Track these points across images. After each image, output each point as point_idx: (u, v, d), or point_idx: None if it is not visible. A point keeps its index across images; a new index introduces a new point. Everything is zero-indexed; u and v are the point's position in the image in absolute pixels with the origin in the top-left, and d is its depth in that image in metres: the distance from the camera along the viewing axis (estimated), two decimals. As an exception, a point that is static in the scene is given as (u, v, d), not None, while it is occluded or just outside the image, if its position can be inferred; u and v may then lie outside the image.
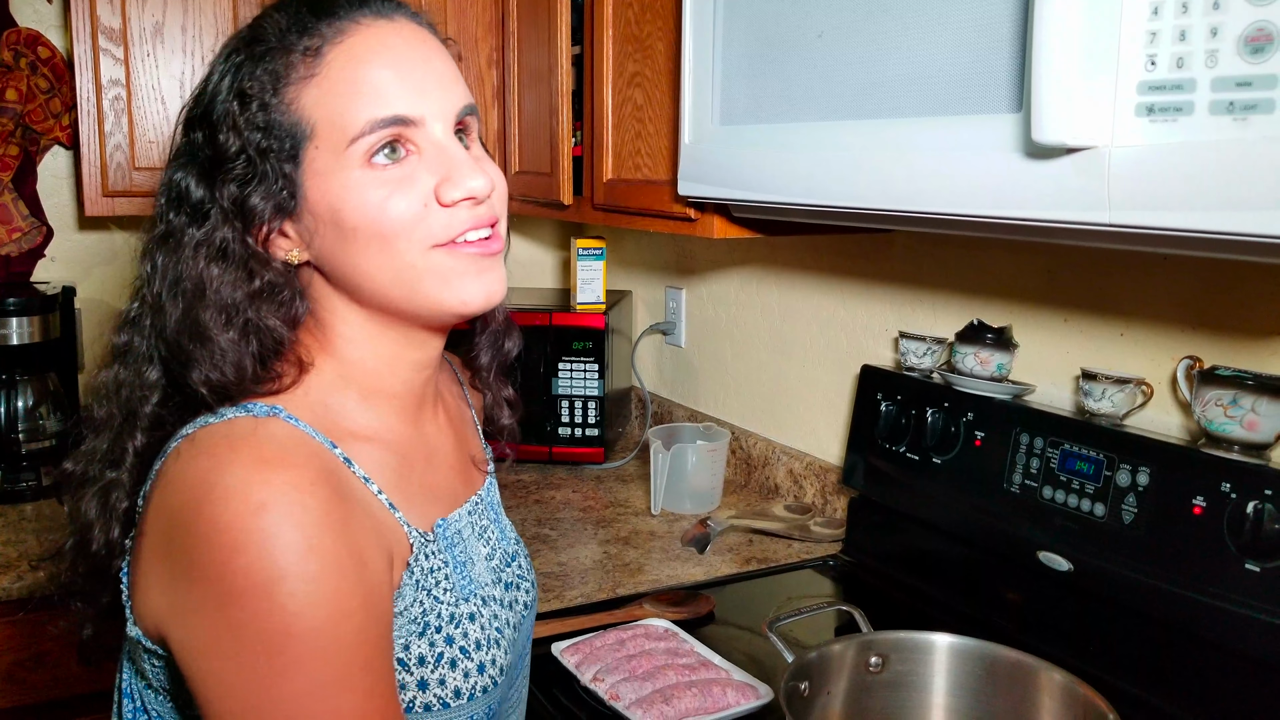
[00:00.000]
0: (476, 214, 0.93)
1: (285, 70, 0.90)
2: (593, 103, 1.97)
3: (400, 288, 0.92)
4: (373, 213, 0.89)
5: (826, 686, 1.22)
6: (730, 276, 2.46)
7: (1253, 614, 1.23)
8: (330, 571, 0.80)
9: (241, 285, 0.91)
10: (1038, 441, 1.53)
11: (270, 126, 0.90)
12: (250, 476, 0.81)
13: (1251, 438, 1.30)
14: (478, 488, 1.11)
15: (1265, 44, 0.82)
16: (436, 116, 0.93)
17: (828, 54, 1.27)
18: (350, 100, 0.89)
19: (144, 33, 2.22)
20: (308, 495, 0.81)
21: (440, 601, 0.94)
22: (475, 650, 0.95)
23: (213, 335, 0.90)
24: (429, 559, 0.95)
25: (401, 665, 0.91)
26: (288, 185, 0.91)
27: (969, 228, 1.18)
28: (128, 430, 0.94)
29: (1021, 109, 1.01)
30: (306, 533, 0.80)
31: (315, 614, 0.79)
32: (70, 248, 2.61)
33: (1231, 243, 0.89)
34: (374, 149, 0.90)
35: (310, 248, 0.94)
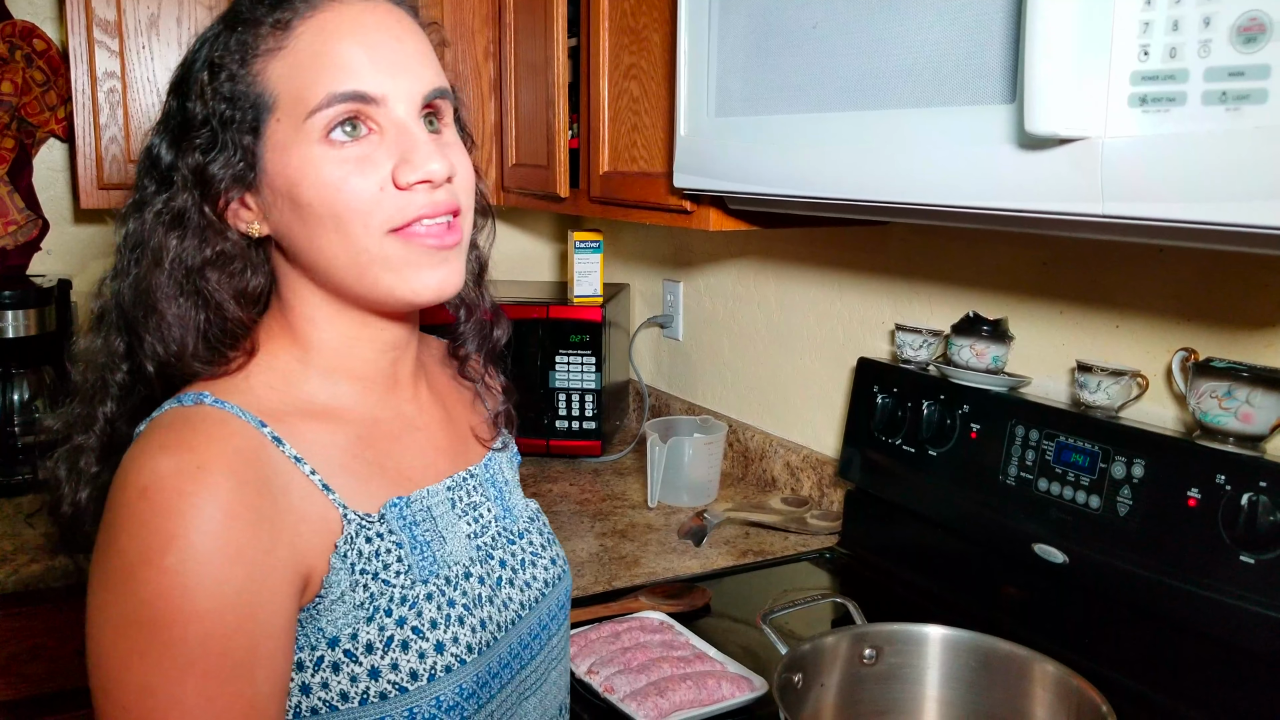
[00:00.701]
0: (434, 199, 0.91)
1: (255, 41, 0.91)
2: (589, 95, 1.96)
3: (353, 270, 0.91)
4: (329, 191, 0.89)
5: (820, 678, 1.22)
6: (727, 269, 2.46)
7: (1247, 606, 1.23)
8: (196, 563, 0.79)
9: (193, 253, 0.91)
10: (1033, 434, 1.53)
11: (235, 97, 0.90)
12: (143, 463, 0.82)
13: (1246, 429, 1.30)
14: (470, 464, 1.09)
15: (1258, 34, 0.81)
16: (401, 97, 0.91)
17: (822, 45, 1.27)
18: (313, 73, 0.89)
19: (139, 25, 2.22)
20: (188, 481, 0.81)
21: (390, 585, 0.92)
22: (430, 630, 0.93)
23: (160, 305, 0.90)
24: (370, 542, 0.92)
25: (349, 657, 0.89)
26: (246, 156, 0.91)
27: (963, 219, 1.18)
28: (99, 397, 0.96)
29: (1015, 100, 1.01)
30: (179, 521, 0.80)
31: (169, 603, 0.79)
32: (66, 241, 2.61)
33: (1225, 234, 0.89)
34: (332, 123, 0.89)
35: (268, 221, 0.94)
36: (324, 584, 0.89)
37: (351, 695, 0.89)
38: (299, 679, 0.89)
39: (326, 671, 0.89)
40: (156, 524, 0.80)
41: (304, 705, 0.89)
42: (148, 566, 0.79)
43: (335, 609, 0.89)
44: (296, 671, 0.89)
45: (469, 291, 1.13)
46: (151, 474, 0.81)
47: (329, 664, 0.89)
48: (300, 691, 0.89)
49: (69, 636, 1.92)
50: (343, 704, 0.89)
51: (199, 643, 0.79)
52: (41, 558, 1.89)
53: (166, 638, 0.79)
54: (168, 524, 0.80)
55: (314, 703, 0.89)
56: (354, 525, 0.91)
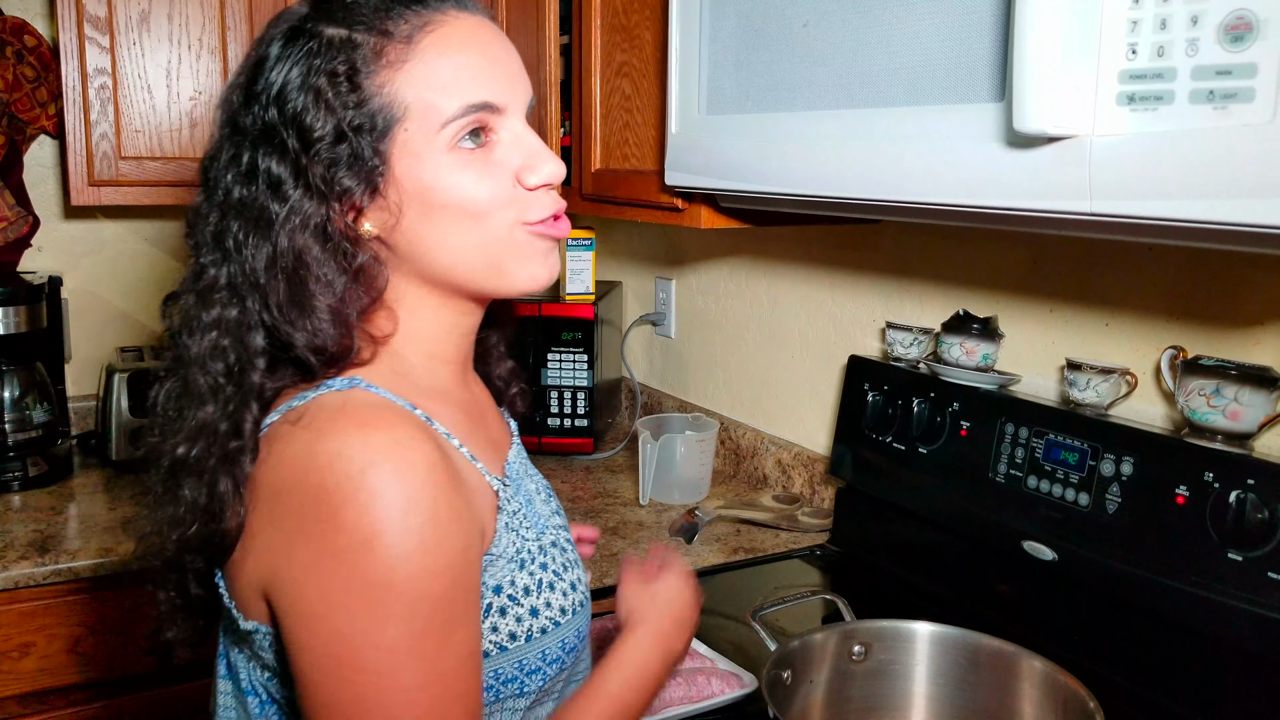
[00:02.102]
0: (555, 198, 1.00)
1: (375, 54, 0.93)
2: (581, 93, 1.96)
3: (480, 260, 0.97)
4: (465, 193, 0.94)
5: (809, 675, 1.23)
6: (720, 267, 2.46)
7: (1234, 603, 1.24)
8: (429, 526, 0.85)
9: (341, 262, 0.94)
10: (1023, 431, 1.53)
11: (361, 106, 0.92)
12: (352, 440, 0.86)
13: (1234, 427, 1.31)
14: (512, 435, 1.18)
15: (1245, 32, 0.82)
16: (518, 105, 0.98)
17: (813, 44, 1.27)
18: (445, 84, 0.93)
19: (130, 21, 2.21)
20: (411, 451, 0.86)
21: (525, 537, 1.01)
22: (565, 571, 1.04)
23: (317, 308, 0.93)
24: (510, 501, 1.02)
25: (513, 600, 0.98)
26: (378, 164, 0.93)
27: (952, 217, 1.18)
28: (240, 400, 0.94)
29: (1004, 98, 1.02)
30: (409, 489, 0.85)
31: (412, 565, 0.84)
32: (57, 237, 2.60)
33: (1213, 231, 0.90)
34: (463, 132, 0.94)
35: (390, 226, 0.96)
36: (494, 543, 0.98)
37: (518, 634, 0.98)
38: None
39: (495, 616, 0.97)
40: (391, 492, 0.84)
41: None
42: (390, 534, 0.84)
43: (498, 563, 0.98)
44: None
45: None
46: (364, 448, 0.85)
47: (496, 609, 0.97)
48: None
49: (58, 634, 1.92)
50: (511, 643, 0.98)
51: (442, 596, 0.86)
52: (31, 555, 1.89)
53: (413, 596, 0.85)
54: (402, 490, 0.84)
55: (485, 646, 0.96)
56: (500, 489, 1.01)
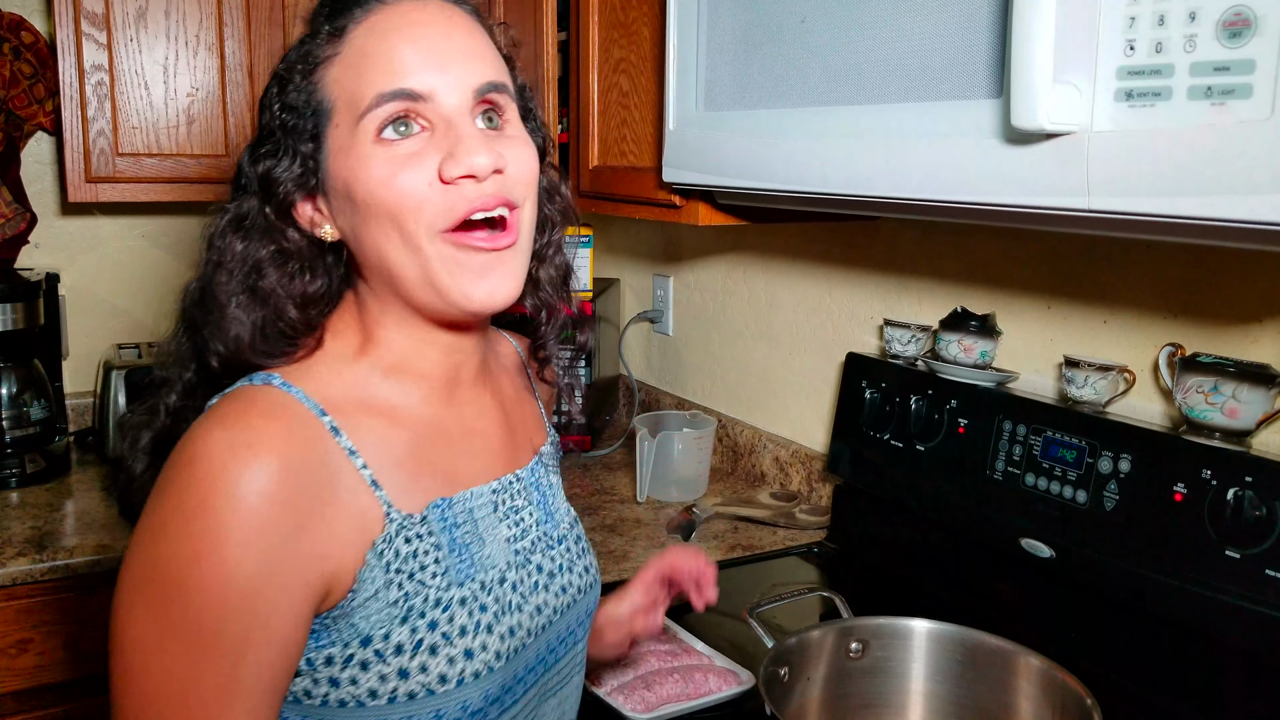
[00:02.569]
0: (481, 191, 0.91)
1: (316, 51, 0.94)
2: (578, 89, 1.96)
3: (412, 271, 0.92)
4: (381, 189, 0.90)
5: (806, 672, 1.23)
6: (718, 264, 2.46)
7: (1232, 601, 1.24)
8: (210, 536, 0.82)
9: (253, 252, 0.95)
10: (1020, 429, 1.53)
11: (297, 106, 0.93)
12: (199, 434, 0.85)
13: (1232, 425, 1.30)
14: (518, 468, 1.09)
15: (1243, 28, 0.82)
16: (450, 91, 0.91)
17: (810, 39, 1.27)
18: (362, 75, 0.91)
19: (127, 17, 2.21)
20: (233, 458, 0.83)
21: (426, 585, 0.93)
22: (459, 636, 0.93)
23: (221, 301, 0.94)
24: (410, 543, 0.93)
25: (379, 656, 0.90)
26: (305, 162, 0.94)
27: (950, 214, 1.18)
28: (165, 389, 1.00)
29: (1002, 94, 1.01)
30: (208, 495, 0.82)
31: (179, 569, 0.82)
32: (54, 234, 2.59)
33: (1210, 228, 0.89)
34: (383, 123, 0.90)
35: (338, 225, 0.96)
36: (357, 579, 0.89)
37: (380, 693, 0.90)
38: (328, 673, 0.90)
39: (355, 669, 0.90)
40: (194, 491, 0.82)
41: (333, 697, 0.90)
42: (175, 529, 0.82)
43: (369, 607, 0.90)
44: (325, 666, 0.90)
45: (549, 295, 1.11)
46: (203, 444, 0.84)
47: (358, 661, 0.90)
48: (329, 684, 0.90)
49: (56, 631, 1.92)
50: (371, 701, 0.90)
51: (195, 614, 0.82)
52: (29, 551, 1.88)
53: (167, 601, 0.82)
54: (203, 494, 0.82)
55: (342, 695, 0.90)
56: (395, 525, 0.92)
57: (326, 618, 0.89)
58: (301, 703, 0.91)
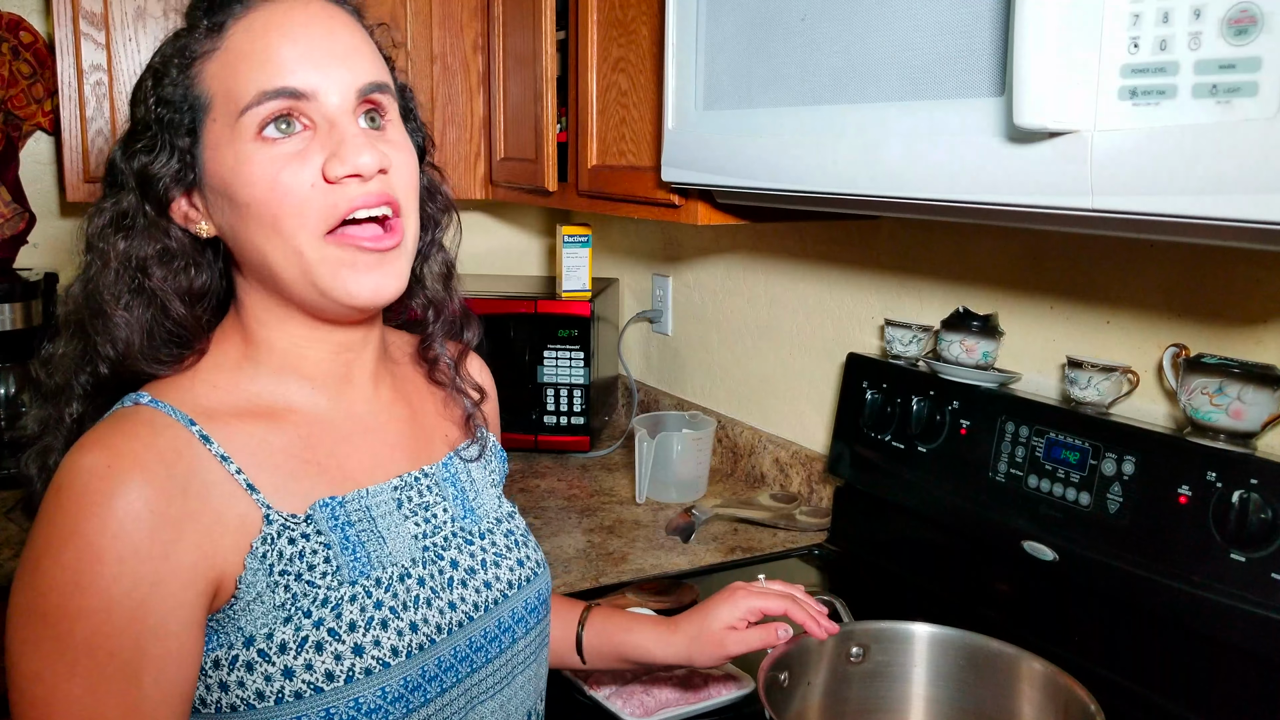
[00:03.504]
0: (365, 190, 0.91)
1: (193, 45, 0.93)
2: (577, 88, 1.95)
3: (291, 271, 0.92)
4: (262, 188, 0.90)
5: (806, 677, 1.21)
6: (717, 264, 2.45)
7: (1237, 604, 1.22)
8: (84, 562, 0.82)
9: (136, 251, 0.94)
10: (1023, 430, 1.52)
11: (173, 100, 0.93)
12: (68, 461, 0.85)
13: (1237, 426, 1.29)
14: (426, 463, 1.08)
15: (1249, 25, 0.80)
16: (332, 91, 0.92)
17: (810, 37, 1.26)
18: (243, 72, 0.90)
19: (125, 17, 2.20)
20: (96, 480, 0.83)
21: (315, 586, 0.92)
22: (349, 632, 0.92)
23: (107, 305, 0.93)
24: (294, 543, 0.92)
25: (263, 657, 0.89)
26: (183, 157, 0.93)
27: (952, 213, 1.17)
28: (64, 398, 0.98)
29: (1004, 92, 1.00)
30: (74, 521, 0.82)
31: (60, 598, 0.82)
32: (53, 234, 2.59)
33: (1215, 228, 0.88)
34: (265, 121, 0.90)
35: (214, 221, 0.96)
36: (238, 583, 0.89)
37: (267, 694, 0.90)
38: (217, 676, 0.90)
39: (241, 670, 0.90)
40: (62, 519, 0.83)
41: (224, 702, 0.90)
42: (49, 559, 0.82)
43: (253, 609, 0.90)
44: (213, 670, 0.90)
45: (436, 292, 1.12)
46: (69, 471, 0.85)
47: (243, 663, 0.90)
48: (219, 689, 0.90)
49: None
50: (259, 702, 0.90)
51: (85, 639, 0.82)
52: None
53: (56, 631, 0.82)
54: (71, 520, 0.82)
55: (232, 699, 0.90)
56: (276, 526, 0.92)
57: (213, 621, 0.90)
58: (200, 712, 0.91)
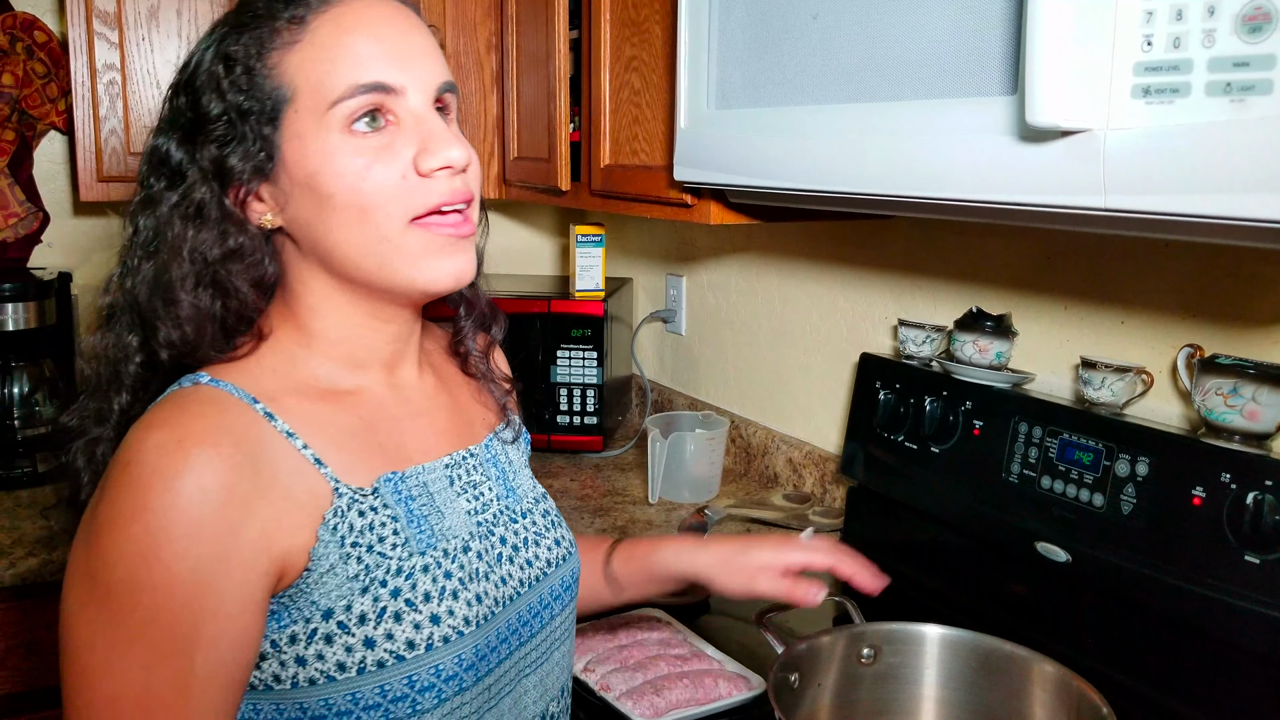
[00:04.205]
0: (453, 186, 0.94)
1: (270, 36, 0.93)
2: (590, 88, 1.95)
3: (373, 259, 0.94)
4: (351, 180, 0.91)
5: (817, 678, 1.21)
6: (730, 264, 2.44)
7: (1251, 607, 1.21)
8: (151, 537, 0.82)
9: (215, 245, 0.94)
10: (1036, 431, 1.51)
11: (252, 89, 0.92)
12: (132, 439, 0.86)
13: (1252, 427, 1.28)
14: (470, 444, 1.10)
15: (1263, 23, 0.80)
16: (417, 88, 0.95)
17: (822, 36, 1.25)
18: (333, 65, 0.91)
19: (139, 16, 2.20)
20: (165, 456, 0.84)
21: (386, 557, 0.93)
22: (424, 602, 0.94)
23: (179, 295, 0.93)
24: (363, 515, 0.94)
25: (343, 628, 0.90)
26: (265, 147, 0.93)
27: (964, 212, 1.16)
28: (114, 388, 0.98)
29: (1016, 91, 0.99)
30: (142, 496, 0.83)
31: (123, 572, 0.82)
32: (67, 233, 2.60)
33: (1229, 227, 0.87)
34: (355, 115, 0.92)
35: (284, 213, 0.96)
36: (311, 556, 0.90)
37: (349, 665, 0.90)
38: (293, 651, 0.90)
39: (320, 643, 0.90)
40: (131, 493, 0.83)
41: (301, 676, 0.90)
42: (115, 532, 0.83)
43: (327, 581, 0.91)
44: (289, 645, 0.90)
45: (467, 288, 1.15)
46: (137, 448, 0.85)
47: (322, 636, 0.90)
48: (296, 663, 0.90)
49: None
50: (340, 674, 0.90)
51: (146, 613, 0.82)
52: (39, 552, 1.88)
53: (118, 603, 0.83)
54: (140, 494, 0.83)
55: (310, 673, 0.90)
56: (345, 499, 0.93)
57: (283, 597, 0.90)
58: (273, 689, 0.91)
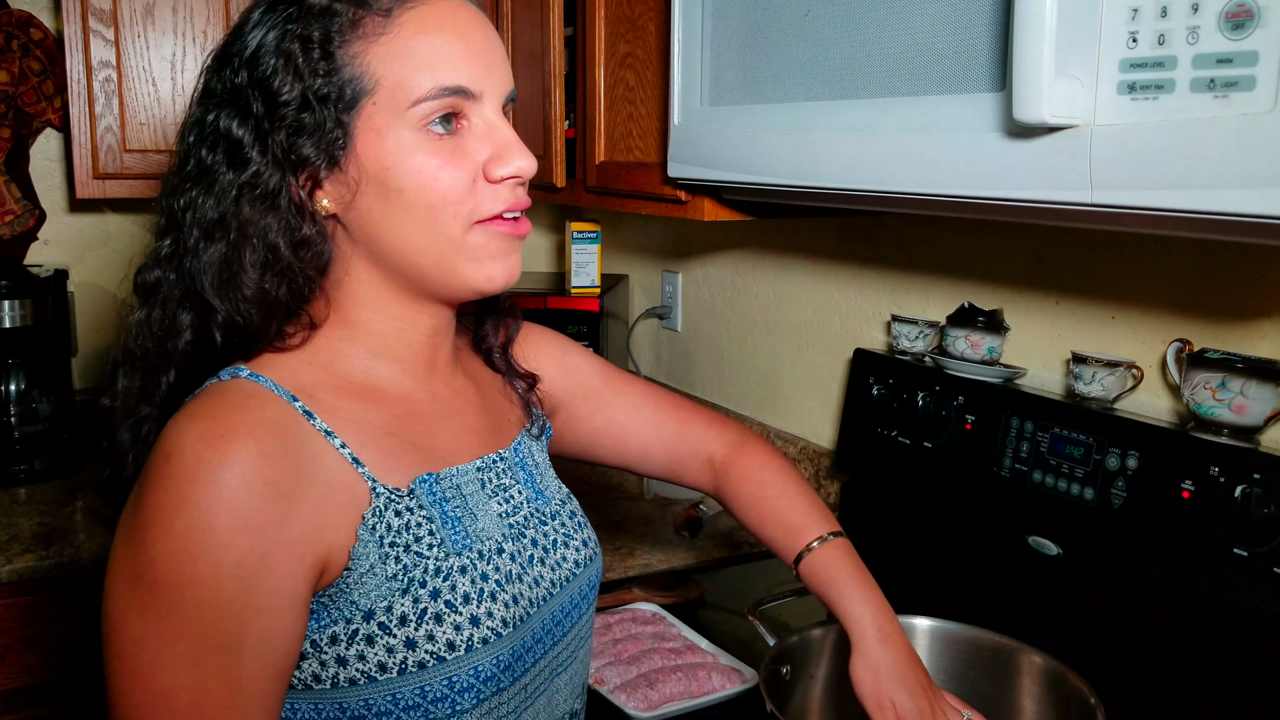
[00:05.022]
0: (518, 195, 0.96)
1: (352, 25, 0.91)
2: (585, 85, 1.95)
3: (432, 257, 0.95)
4: (424, 179, 0.92)
5: (809, 670, 1.22)
6: (726, 260, 2.45)
7: (1239, 599, 1.22)
8: (197, 531, 0.82)
9: (286, 234, 0.92)
10: (1028, 425, 1.52)
11: (332, 74, 0.91)
12: (174, 431, 0.86)
13: (1240, 421, 1.29)
14: (500, 447, 1.10)
15: (1246, 20, 0.81)
16: (493, 95, 0.96)
17: (814, 33, 1.26)
18: (419, 63, 0.91)
19: (134, 14, 2.21)
20: (209, 449, 0.83)
21: (424, 557, 0.93)
22: (464, 604, 0.94)
23: (245, 280, 0.92)
24: (400, 515, 0.94)
25: (384, 629, 0.90)
26: (342, 135, 0.91)
27: (953, 208, 1.17)
28: (160, 366, 0.97)
29: (1004, 88, 1.00)
30: (187, 489, 0.82)
31: (170, 566, 0.82)
32: (63, 230, 2.60)
33: (1214, 222, 0.88)
34: (432, 115, 0.92)
35: (346, 203, 0.94)
36: (351, 555, 0.90)
37: (390, 666, 0.90)
38: (334, 651, 0.90)
39: (361, 644, 0.90)
40: (174, 487, 0.83)
41: (342, 676, 0.91)
42: (159, 527, 0.82)
43: (366, 581, 0.91)
44: (330, 645, 0.90)
45: None
46: (178, 440, 0.84)
47: (363, 636, 0.90)
48: (337, 664, 0.90)
49: (63, 627, 1.92)
50: (381, 674, 0.90)
51: (193, 608, 0.82)
52: (36, 548, 1.89)
53: (165, 598, 0.82)
54: (183, 488, 0.82)
55: (351, 674, 0.90)
56: (383, 498, 0.93)
57: (324, 596, 0.90)
58: (313, 688, 0.91)
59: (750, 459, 1.27)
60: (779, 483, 1.25)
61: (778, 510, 1.23)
